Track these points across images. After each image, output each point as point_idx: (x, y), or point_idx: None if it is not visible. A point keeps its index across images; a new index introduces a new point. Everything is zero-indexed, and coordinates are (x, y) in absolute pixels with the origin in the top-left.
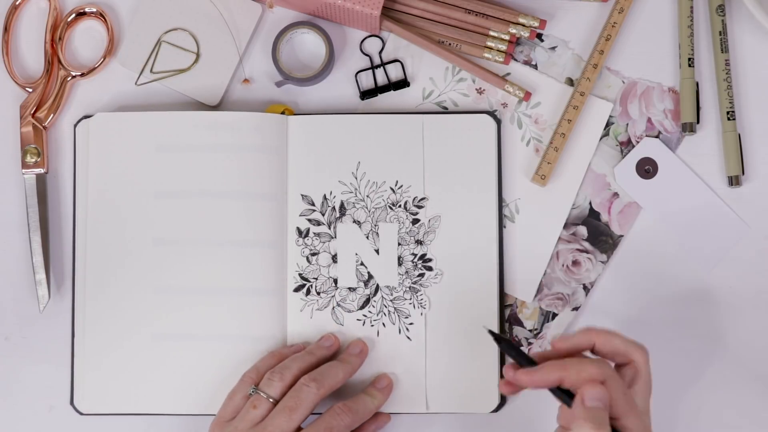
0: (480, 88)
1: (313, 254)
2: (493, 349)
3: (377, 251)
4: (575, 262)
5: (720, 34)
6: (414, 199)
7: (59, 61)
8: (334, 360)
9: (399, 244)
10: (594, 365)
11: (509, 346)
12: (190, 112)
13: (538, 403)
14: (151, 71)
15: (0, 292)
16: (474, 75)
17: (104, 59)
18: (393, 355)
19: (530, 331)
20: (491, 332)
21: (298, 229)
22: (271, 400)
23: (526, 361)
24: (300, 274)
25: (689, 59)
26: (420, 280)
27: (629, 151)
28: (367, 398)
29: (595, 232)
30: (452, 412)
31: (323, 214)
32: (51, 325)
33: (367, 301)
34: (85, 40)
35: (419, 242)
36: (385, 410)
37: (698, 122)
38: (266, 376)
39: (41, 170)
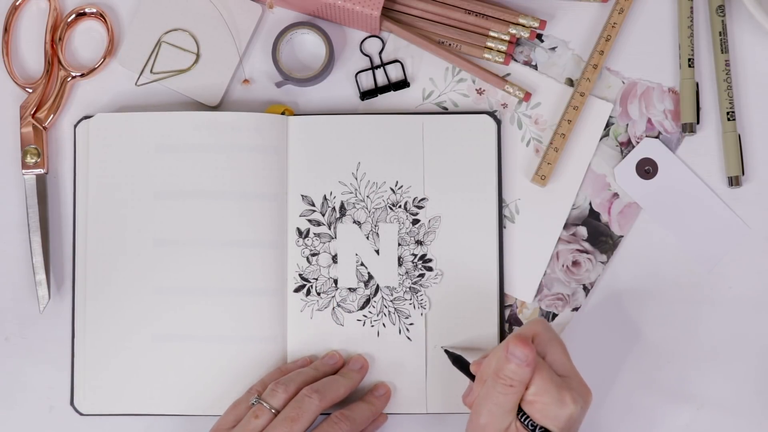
0: (480, 89)
1: (314, 255)
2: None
3: (377, 252)
4: (575, 263)
5: (720, 35)
6: (414, 199)
7: (59, 62)
8: (336, 375)
9: (399, 244)
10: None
11: (461, 365)
12: (190, 112)
13: None
14: (151, 71)
15: (0, 292)
16: (474, 75)
17: (104, 59)
18: (393, 355)
19: None
20: (447, 351)
21: (298, 229)
22: (273, 410)
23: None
24: (300, 275)
25: (689, 59)
26: (420, 280)
27: (629, 151)
28: (365, 406)
29: (595, 233)
30: (452, 413)
31: (323, 215)
32: (51, 325)
33: (368, 301)
34: (85, 41)
35: (419, 242)
36: (385, 410)
37: (698, 123)
38: (270, 386)
39: (41, 171)
